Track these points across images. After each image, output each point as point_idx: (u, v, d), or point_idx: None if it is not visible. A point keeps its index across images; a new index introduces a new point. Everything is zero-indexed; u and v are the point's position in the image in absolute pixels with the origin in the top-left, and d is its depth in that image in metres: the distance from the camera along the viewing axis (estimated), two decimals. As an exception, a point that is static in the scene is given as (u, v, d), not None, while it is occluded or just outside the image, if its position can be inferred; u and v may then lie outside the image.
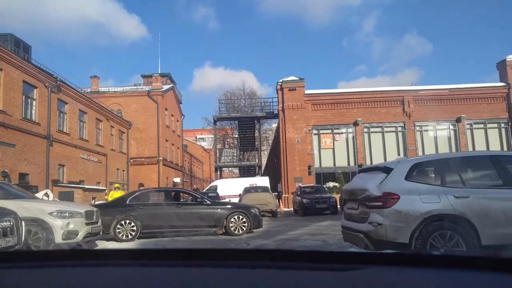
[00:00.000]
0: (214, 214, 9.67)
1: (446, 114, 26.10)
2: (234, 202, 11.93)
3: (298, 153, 24.86)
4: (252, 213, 10.07)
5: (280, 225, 13.42)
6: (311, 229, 11.52)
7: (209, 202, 9.86)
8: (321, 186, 20.86)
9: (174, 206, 9.50)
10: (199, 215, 9.55)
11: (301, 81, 25.54)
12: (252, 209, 10.26)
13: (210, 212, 9.65)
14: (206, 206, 9.75)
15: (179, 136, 41.38)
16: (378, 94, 26.14)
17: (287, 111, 25.19)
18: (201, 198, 9.96)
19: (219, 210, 9.77)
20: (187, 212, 9.50)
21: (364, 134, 25.94)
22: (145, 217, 9.15)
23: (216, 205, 9.94)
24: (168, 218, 9.26)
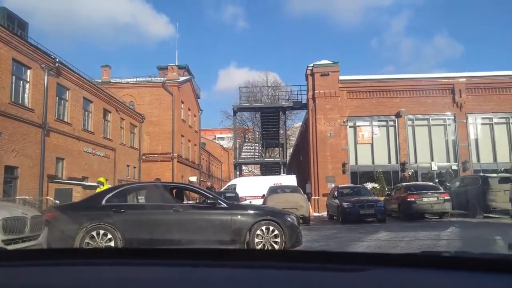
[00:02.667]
0: (232, 223, 6.49)
1: (504, 105, 22.19)
2: (260, 206, 8.64)
3: (331, 149, 21.44)
4: (288, 222, 6.83)
5: (320, 237, 10.11)
6: (371, 245, 8.17)
7: (225, 205, 6.67)
8: (363, 186, 17.39)
9: (174, 210, 6.36)
10: (210, 224, 6.40)
11: (335, 65, 22.13)
12: (287, 216, 7.02)
13: (226, 219, 6.48)
14: (221, 210, 6.58)
15: (196, 132, 38.48)
16: (425, 82, 22.46)
17: (318, 99, 21.82)
18: (214, 199, 6.75)
19: (240, 217, 6.58)
20: (192, 219, 6.35)
21: (408, 128, 22.29)
22: (129, 226, 6.05)
23: (235, 210, 6.74)
24: (163, 228, 6.12)
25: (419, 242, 8.48)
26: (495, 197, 13.87)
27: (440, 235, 9.79)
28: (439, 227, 12.09)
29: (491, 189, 13.99)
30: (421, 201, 14.11)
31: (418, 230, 11.15)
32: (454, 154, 22.08)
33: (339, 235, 10.37)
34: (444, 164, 21.84)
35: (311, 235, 10.63)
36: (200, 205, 6.79)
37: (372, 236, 9.67)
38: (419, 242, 8.37)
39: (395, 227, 12.44)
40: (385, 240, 8.86)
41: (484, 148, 22.24)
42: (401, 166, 21.82)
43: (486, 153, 22.20)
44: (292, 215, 7.19)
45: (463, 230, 10.85)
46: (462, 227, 11.70)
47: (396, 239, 9.17)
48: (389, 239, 9.05)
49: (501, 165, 21.53)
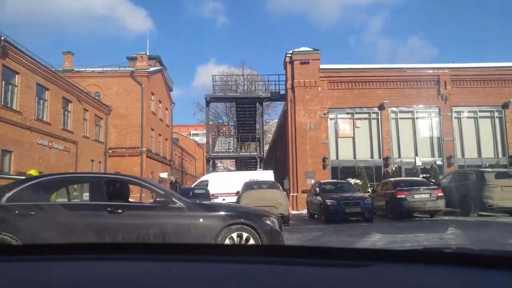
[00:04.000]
0: (191, 229, 4.77)
1: (490, 99, 21.34)
2: (231, 205, 6.92)
3: (311, 142, 19.95)
4: (266, 226, 5.18)
5: (304, 242, 8.53)
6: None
7: (182, 204, 4.92)
8: (347, 182, 15.94)
9: (109, 212, 4.57)
10: (158, 231, 4.66)
11: (316, 52, 20.63)
12: (266, 218, 5.37)
13: (182, 224, 4.75)
14: (176, 212, 4.83)
15: (168, 126, 36.33)
16: (409, 72, 21.29)
17: (297, 89, 20.27)
18: (166, 195, 4.96)
19: (202, 221, 4.87)
20: (134, 224, 4.58)
21: (391, 121, 21.09)
22: (39, 235, 4.20)
23: (196, 211, 5.00)
24: (91, 237, 4.32)
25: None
26: (491, 194, 12.66)
27: (444, 237, 8.38)
28: (436, 227, 10.75)
29: (488, 185, 12.78)
30: (412, 198, 12.76)
31: (414, 231, 9.74)
32: (439, 149, 21.05)
33: (325, 239, 8.82)
34: (429, 159, 20.77)
35: (293, 238, 9.03)
36: (147, 205, 4.99)
37: (366, 240, 8.16)
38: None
39: (386, 227, 11.02)
40: (384, 245, 7.34)
41: (468, 143, 21.33)
42: (384, 161, 20.60)
43: (470, 148, 21.30)
44: (273, 217, 5.53)
45: (465, 231, 9.50)
46: (462, 227, 10.38)
47: (395, 243, 7.68)
48: (387, 243, 7.56)
49: (485, 161, 20.70)
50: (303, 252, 1.14)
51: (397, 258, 1.07)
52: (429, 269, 1.00)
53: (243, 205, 6.76)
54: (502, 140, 21.31)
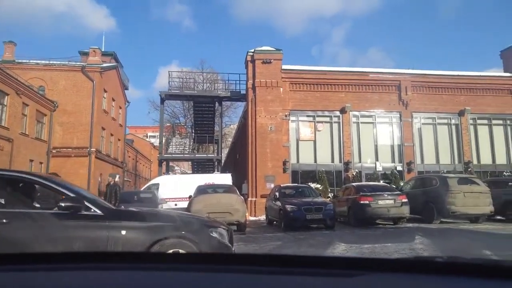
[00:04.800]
0: (112, 245, 3.52)
1: (448, 106, 21.53)
2: (170, 213, 5.68)
3: (271, 145, 19.04)
4: (213, 240, 4.04)
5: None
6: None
7: (99, 211, 3.67)
8: (308, 186, 15.10)
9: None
10: (65, 247, 3.35)
11: (278, 52, 19.82)
12: (213, 230, 4.23)
13: (98, 237, 3.53)
14: (91, 222, 3.58)
15: (121, 126, 34.15)
16: (371, 77, 21.01)
17: (259, 89, 19.33)
18: (76, 200, 3.67)
19: (125, 234, 3.64)
20: (23, 238, 3.27)
21: (353, 125, 20.65)
22: None
23: (117, 220, 3.76)
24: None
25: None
26: (454, 200, 12.28)
27: (414, 247, 7.61)
28: (401, 236, 10.07)
29: (451, 191, 12.40)
30: (376, 204, 12.10)
31: (380, 240, 8.98)
32: (399, 154, 20.87)
33: (286, 250, 7.79)
34: (389, 165, 20.52)
35: (248, 249, 7.93)
36: (48, 213, 3.68)
37: (330, 252, 7.21)
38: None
39: (350, 236, 10.21)
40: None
41: (427, 149, 21.35)
42: (345, 166, 20.09)
43: (429, 154, 21.32)
44: (222, 228, 4.39)
45: (433, 240, 8.84)
46: (429, 235, 9.76)
47: (364, 255, 6.79)
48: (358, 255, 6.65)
49: (443, 167, 20.77)
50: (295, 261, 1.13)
51: (388, 267, 1.07)
52: (421, 278, 1.00)
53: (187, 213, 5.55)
54: (458, 147, 21.52)
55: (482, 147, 21.76)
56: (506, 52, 23.00)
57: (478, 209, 12.55)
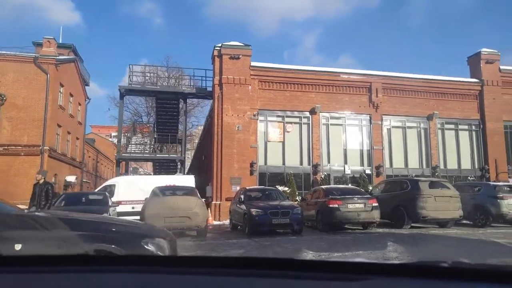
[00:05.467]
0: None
1: (417, 109, 21.42)
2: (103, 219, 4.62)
3: (238, 145, 18.11)
4: (146, 253, 3.03)
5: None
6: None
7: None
8: (275, 189, 14.26)
9: None
10: None
11: (247, 48, 18.97)
12: (147, 241, 3.23)
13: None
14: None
15: (81, 124, 32.14)
16: (342, 77, 20.56)
17: (226, 86, 18.38)
18: None
19: (20, 248, 2.58)
20: None
21: (322, 126, 20.08)
22: None
23: (16, 229, 2.72)
24: None
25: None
26: (425, 204, 11.83)
27: (388, 256, 6.90)
28: (373, 242, 9.39)
29: (422, 195, 11.93)
30: (346, 208, 11.42)
31: (351, 247, 8.25)
32: (368, 158, 20.50)
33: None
34: (358, 168, 20.10)
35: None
36: None
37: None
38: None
39: (319, 242, 9.45)
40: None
41: (396, 153, 21.12)
42: (314, 168, 19.47)
43: (398, 158, 21.10)
44: (161, 238, 3.41)
45: (407, 247, 8.20)
46: (401, 242, 9.14)
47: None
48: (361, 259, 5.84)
49: (411, 171, 20.59)
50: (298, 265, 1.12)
51: (391, 272, 1.06)
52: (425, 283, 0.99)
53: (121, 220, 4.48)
54: (426, 151, 21.43)
55: (449, 151, 21.80)
56: (472, 59, 23.23)
57: (448, 214, 12.20)
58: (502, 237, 10.73)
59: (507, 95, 22.57)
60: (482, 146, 21.96)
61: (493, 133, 21.89)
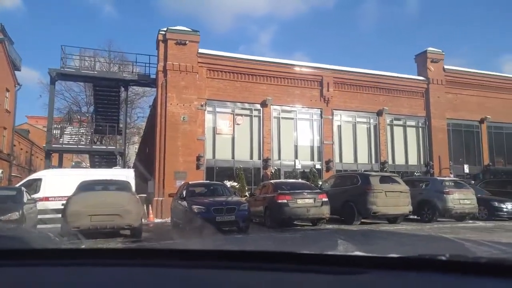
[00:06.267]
0: None
1: (367, 105, 21.41)
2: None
3: (184, 137, 16.89)
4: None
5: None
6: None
7: None
8: (221, 184, 13.28)
9: None
10: None
11: (195, 33, 17.75)
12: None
13: None
14: None
15: (9, 113, 29.09)
16: (294, 70, 19.98)
17: (171, 73, 17.06)
18: None
19: None
20: None
21: (273, 120, 19.39)
22: None
23: None
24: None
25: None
26: (376, 200, 11.45)
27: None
28: (323, 239, 8.76)
29: (372, 189, 11.54)
30: (295, 203, 10.73)
31: (300, 245, 7.56)
32: (319, 152, 20.13)
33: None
34: (308, 163, 19.67)
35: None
36: None
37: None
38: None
39: (266, 241, 8.67)
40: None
41: (346, 148, 20.96)
42: (264, 163, 18.75)
43: (348, 153, 20.96)
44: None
45: (359, 246, 7.59)
46: (352, 239, 8.56)
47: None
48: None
49: (360, 166, 20.52)
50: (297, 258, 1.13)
51: (391, 265, 1.06)
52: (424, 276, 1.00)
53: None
54: (375, 147, 21.50)
55: (397, 147, 22.05)
56: (419, 57, 23.68)
57: (398, 209, 11.95)
58: (449, 232, 10.61)
59: (450, 94, 23.29)
60: (428, 142, 22.45)
61: (437, 130, 22.45)
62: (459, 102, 23.48)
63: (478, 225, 12.38)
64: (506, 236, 10.03)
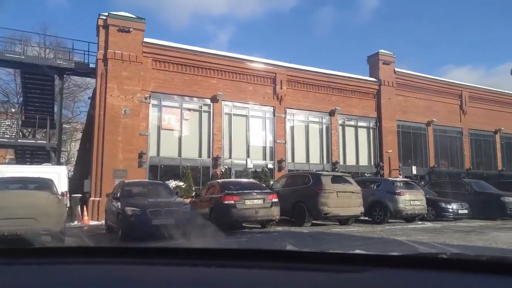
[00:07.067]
0: None
1: (320, 105, 21.12)
2: None
3: (125, 132, 15.49)
4: None
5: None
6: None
7: None
8: (161, 183, 12.11)
9: None
10: None
11: (140, 21, 16.38)
12: None
13: None
14: None
15: None
16: (247, 65, 19.17)
17: (111, 62, 15.58)
18: None
19: None
20: None
21: (224, 116, 18.46)
22: None
23: None
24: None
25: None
26: (327, 200, 10.91)
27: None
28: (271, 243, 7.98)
29: (324, 189, 10.98)
30: (243, 204, 9.90)
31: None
32: (271, 152, 19.49)
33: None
34: (260, 162, 18.97)
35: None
36: None
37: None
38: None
39: (210, 244, 7.65)
40: None
41: (299, 147, 20.51)
42: (214, 162, 17.77)
43: (300, 153, 20.52)
44: None
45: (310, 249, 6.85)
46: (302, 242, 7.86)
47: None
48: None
49: (312, 167, 20.15)
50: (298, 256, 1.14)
51: (392, 263, 1.06)
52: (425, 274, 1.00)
53: None
54: (327, 147, 21.25)
55: (348, 148, 21.97)
56: (371, 58, 23.85)
57: (350, 210, 11.52)
58: (401, 234, 10.31)
59: (400, 96, 23.66)
60: (378, 143, 22.59)
61: (387, 131, 22.67)
62: (408, 104, 23.94)
63: (427, 226, 12.28)
64: (456, 237, 9.85)
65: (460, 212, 14.16)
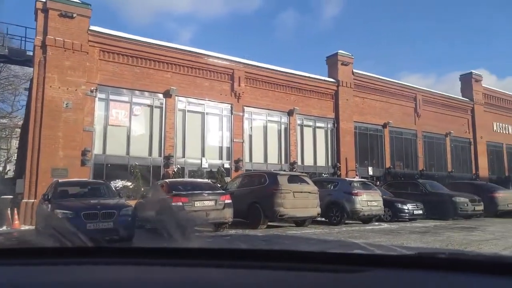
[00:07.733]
0: None
1: (278, 104, 20.66)
2: None
3: (66, 127, 14.08)
4: None
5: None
6: None
7: None
8: (102, 182, 10.98)
9: None
10: None
11: (86, 7, 15.01)
12: None
13: None
14: None
15: None
16: (203, 60, 18.28)
17: (51, 50, 14.13)
18: None
19: None
20: None
21: (178, 113, 17.46)
22: None
23: None
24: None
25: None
26: (284, 201, 10.35)
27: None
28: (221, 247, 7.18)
29: (280, 190, 10.41)
30: (192, 206, 9.09)
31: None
32: (228, 151, 18.73)
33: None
34: (216, 162, 18.16)
35: None
36: None
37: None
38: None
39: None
40: None
41: (256, 147, 19.91)
42: (165, 160, 16.72)
43: (258, 152, 19.92)
44: None
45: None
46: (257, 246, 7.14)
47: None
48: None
49: (271, 167, 19.60)
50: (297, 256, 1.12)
51: (391, 263, 1.06)
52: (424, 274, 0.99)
53: None
54: (285, 147, 20.82)
55: (306, 148, 21.68)
56: (330, 59, 23.77)
57: (307, 211, 11.06)
58: (358, 236, 9.95)
59: (358, 97, 23.75)
60: (336, 144, 22.49)
61: (345, 132, 22.64)
62: (366, 106, 24.08)
63: (384, 227, 12.07)
64: (413, 238, 9.64)
65: (416, 212, 14.17)
